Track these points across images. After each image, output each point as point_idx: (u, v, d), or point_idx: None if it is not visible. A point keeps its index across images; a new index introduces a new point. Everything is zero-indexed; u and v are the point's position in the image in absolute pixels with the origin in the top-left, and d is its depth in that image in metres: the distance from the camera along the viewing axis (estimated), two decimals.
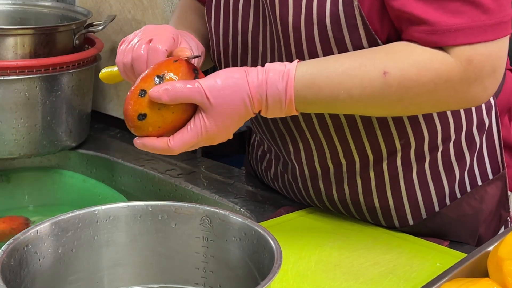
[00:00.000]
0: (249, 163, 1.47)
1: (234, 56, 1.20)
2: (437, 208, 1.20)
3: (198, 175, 1.53)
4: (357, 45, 1.06)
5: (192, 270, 1.00)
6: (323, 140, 1.19)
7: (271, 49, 1.15)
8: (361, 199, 1.22)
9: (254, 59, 1.17)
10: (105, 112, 1.84)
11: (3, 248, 0.86)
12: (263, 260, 0.90)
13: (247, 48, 1.18)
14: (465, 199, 1.21)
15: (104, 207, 0.98)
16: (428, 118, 1.16)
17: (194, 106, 1.03)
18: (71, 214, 0.96)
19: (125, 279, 1.00)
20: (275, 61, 1.13)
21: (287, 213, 1.28)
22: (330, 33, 1.06)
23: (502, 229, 1.26)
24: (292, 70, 1.03)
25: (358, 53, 1.05)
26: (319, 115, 1.16)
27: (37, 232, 0.92)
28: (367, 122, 1.15)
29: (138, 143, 1.04)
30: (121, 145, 1.72)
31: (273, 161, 1.33)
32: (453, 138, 1.19)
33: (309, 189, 1.26)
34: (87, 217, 0.97)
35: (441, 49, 1.01)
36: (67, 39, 1.60)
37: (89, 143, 1.71)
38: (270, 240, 0.90)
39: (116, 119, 1.82)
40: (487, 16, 0.99)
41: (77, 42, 1.61)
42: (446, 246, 1.19)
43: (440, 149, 1.18)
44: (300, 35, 1.08)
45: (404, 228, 1.22)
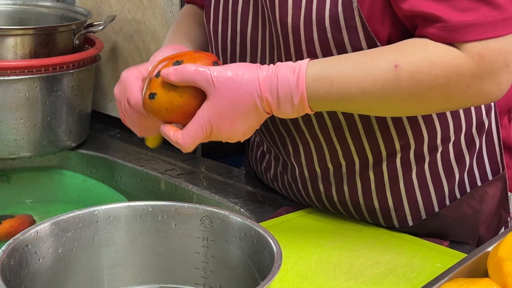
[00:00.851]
0: (249, 163, 1.47)
1: (232, 58, 1.20)
2: (436, 209, 1.20)
3: (198, 175, 1.53)
4: (356, 47, 1.06)
5: (192, 270, 1.00)
6: (322, 141, 1.19)
7: (270, 50, 1.15)
8: (361, 200, 1.22)
9: (253, 61, 1.17)
10: (105, 112, 1.84)
11: (3, 248, 0.86)
12: (263, 260, 0.90)
13: (245, 50, 1.18)
14: (465, 199, 1.20)
15: (104, 207, 0.98)
16: (428, 119, 1.16)
17: (202, 95, 1.04)
18: (71, 214, 0.96)
19: (125, 279, 1.00)
20: (274, 62, 1.13)
21: (287, 213, 1.28)
22: (329, 34, 1.06)
23: (502, 230, 1.26)
24: (303, 65, 1.02)
25: (369, 50, 1.05)
26: (319, 116, 1.16)
27: (37, 232, 0.92)
28: (366, 123, 1.15)
29: (163, 130, 1.08)
30: (121, 145, 1.72)
31: (272, 162, 1.33)
32: (452, 139, 1.18)
33: (308, 190, 1.26)
34: (87, 217, 0.97)
35: (453, 45, 1.01)
36: (67, 39, 1.60)
37: (89, 143, 1.71)
38: (270, 240, 0.90)
39: (116, 119, 1.81)
40: (498, 12, 0.99)
41: (77, 42, 1.61)
42: (446, 246, 1.19)
43: (440, 150, 1.18)
44: (299, 36, 1.08)
45: (403, 228, 1.22)
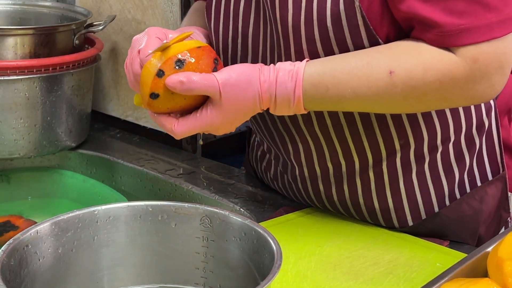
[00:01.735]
0: (249, 163, 1.47)
1: (233, 57, 1.20)
2: (436, 209, 1.20)
3: (198, 175, 1.53)
4: (358, 45, 1.06)
5: (192, 270, 1.00)
6: (322, 140, 1.19)
7: (271, 50, 1.15)
8: (361, 199, 1.22)
9: (254, 60, 1.17)
10: (105, 112, 1.84)
11: (3, 248, 0.86)
12: (263, 260, 0.90)
13: (247, 49, 1.18)
14: (465, 199, 1.20)
15: (104, 207, 0.98)
16: (428, 119, 1.16)
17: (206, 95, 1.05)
18: (71, 214, 0.96)
19: (125, 279, 1.00)
20: (274, 62, 1.13)
21: (287, 213, 1.28)
22: (331, 33, 1.06)
23: (503, 230, 1.26)
24: (301, 70, 1.04)
25: (365, 52, 1.05)
26: (319, 115, 1.16)
27: (37, 232, 0.92)
28: (366, 123, 1.15)
29: (150, 113, 1.08)
30: (121, 145, 1.72)
31: (272, 162, 1.33)
32: (452, 138, 1.19)
33: (308, 189, 1.26)
34: (87, 217, 0.97)
35: (447, 49, 1.02)
36: (67, 39, 1.60)
37: (89, 143, 1.71)
38: (270, 240, 0.90)
39: (116, 119, 1.82)
40: (493, 14, 1.00)
41: (77, 42, 1.61)
42: (446, 246, 1.19)
43: (440, 149, 1.18)
44: (300, 36, 1.08)
45: (403, 228, 1.22)
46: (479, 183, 1.23)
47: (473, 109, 1.20)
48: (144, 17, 1.68)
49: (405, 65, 1.02)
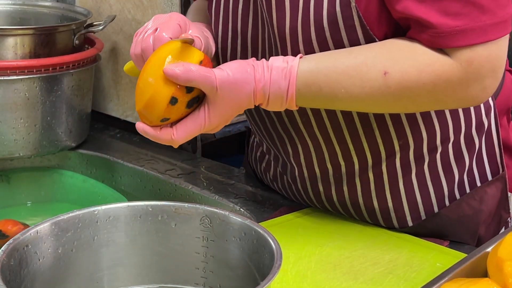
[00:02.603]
0: (248, 163, 1.47)
1: (233, 57, 1.20)
2: (436, 209, 1.20)
3: (198, 175, 1.53)
4: (355, 46, 1.06)
5: (192, 270, 1.00)
6: (321, 141, 1.19)
7: (269, 51, 1.15)
8: (360, 200, 1.22)
9: None
10: (105, 112, 1.84)
11: (3, 248, 0.86)
12: (263, 260, 0.90)
13: (246, 50, 1.18)
14: (465, 199, 1.20)
15: (104, 207, 0.99)
16: (427, 119, 1.16)
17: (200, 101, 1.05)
18: (71, 214, 0.96)
19: (125, 279, 1.00)
20: None
21: (287, 213, 1.28)
22: (327, 34, 1.06)
23: (503, 230, 1.26)
24: (294, 68, 1.04)
25: (359, 49, 1.05)
26: (318, 117, 1.16)
27: (37, 232, 0.92)
28: (365, 124, 1.15)
29: (140, 128, 1.05)
30: (121, 145, 1.72)
31: (272, 162, 1.33)
32: (452, 139, 1.18)
33: (308, 190, 1.26)
34: (87, 217, 0.97)
35: (442, 51, 1.02)
36: (67, 39, 1.60)
37: (89, 143, 1.71)
38: (270, 240, 0.90)
39: (116, 119, 1.82)
40: (488, 16, 0.99)
41: (77, 42, 1.61)
42: (446, 246, 1.19)
43: (439, 150, 1.18)
44: (297, 38, 1.08)
45: (403, 229, 1.22)
46: (478, 183, 1.23)
47: (472, 109, 1.20)
48: (144, 17, 1.68)
49: (400, 66, 1.02)
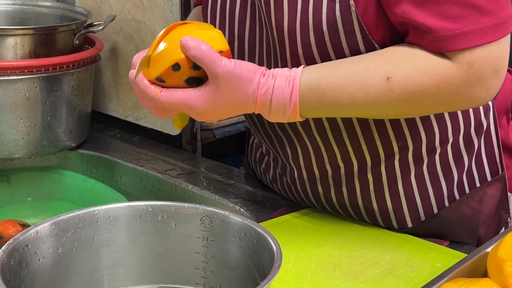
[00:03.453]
0: (248, 164, 1.47)
1: None
2: (435, 210, 1.20)
3: (198, 175, 1.53)
4: (354, 50, 1.06)
5: (192, 270, 1.00)
6: (320, 143, 1.19)
7: (267, 54, 1.15)
8: (360, 201, 1.22)
9: None
10: (105, 112, 1.84)
11: (3, 248, 0.86)
12: (263, 260, 0.90)
13: (243, 54, 1.18)
14: (465, 200, 1.20)
15: (104, 207, 0.98)
16: (426, 120, 1.16)
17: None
18: (71, 214, 0.96)
19: (125, 279, 1.00)
20: (271, 66, 1.14)
21: (286, 213, 1.28)
22: (326, 38, 1.06)
23: (503, 230, 1.26)
24: (297, 75, 1.04)
25: (361, 57, 1.05)
26: (317, 119, 1.16)
27: (37, 232, 0.92)
28: (364, 125, 1.15)
29: (131, 75, 1.06)
30: (121, 145, 1.72)
31: (271, 164, 1.33)
32: (451, 140, 1.18)
33: (307, 191, 1.26)
34: (87, 217, 0.97)
35: (443, 54, 1.02)
36: (67, 39, 1.60)
37: (89, 143, 1.71)
38: (270, 240, 0.90)
39: (116, 119, 1.82)
40: (488, 18, 1.00)
41: (77, 42, 1.61)
42: (446, 246, 1.19)
43: (438, 151, 1.18)
44: (295, 41, 1.08)
45: (403, 229, 1.22)
46: (478, 183, 1.23)
47: (471, 110, 1.20)
48: (144, 17, 1.68)
49: (402, 70, 1.02)
